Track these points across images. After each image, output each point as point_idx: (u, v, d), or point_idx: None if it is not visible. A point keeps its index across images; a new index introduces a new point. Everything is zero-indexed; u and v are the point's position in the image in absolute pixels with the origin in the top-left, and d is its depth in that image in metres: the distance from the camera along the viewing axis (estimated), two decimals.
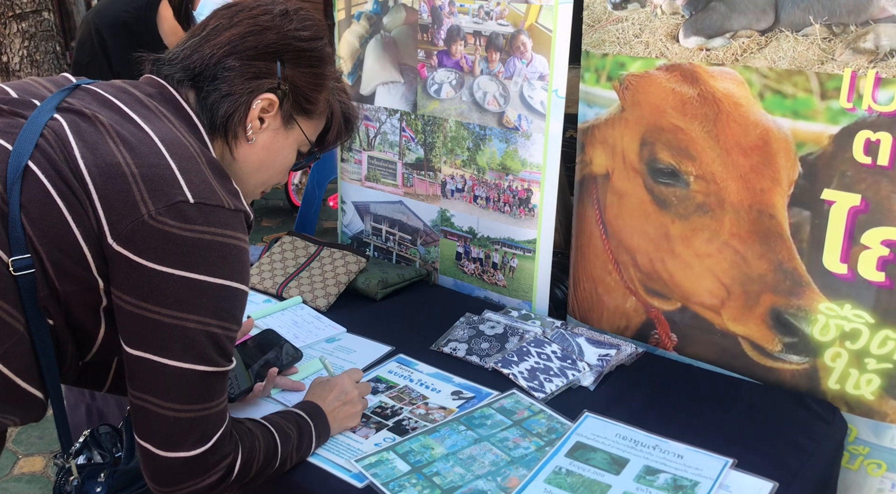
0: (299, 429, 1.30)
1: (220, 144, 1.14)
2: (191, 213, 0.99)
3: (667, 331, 1.66)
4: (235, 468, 1.11)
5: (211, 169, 1.06)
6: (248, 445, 1.15)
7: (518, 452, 1.35)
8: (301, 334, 1.72)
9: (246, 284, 1.07)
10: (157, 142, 1.03)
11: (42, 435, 2.79)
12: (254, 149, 1.16)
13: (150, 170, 1.00)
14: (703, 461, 1.30)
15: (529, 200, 1.79)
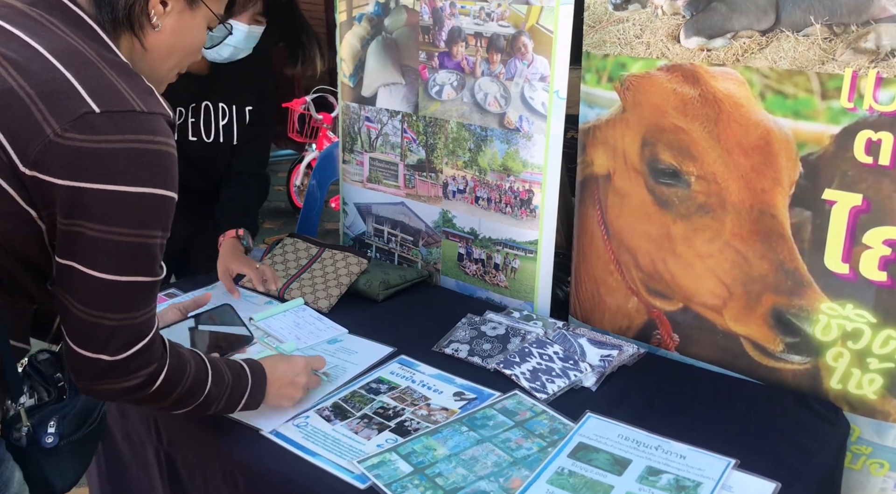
0: (236, 379, 1.31)
1: (128, 38, 1.11)
2: (99, 124, 0.97)
3: (669, 332, 1.66)
4: (157, 380, 1.13)
5: (115, 70, 1.03)
6: (176, 364, 1.16)
7: (520, 453, 1.35)
8: (303, 335, 1.72)
9: (170, 189, 1.04)
10: (47, 56, 0.99)
11: None
12: (162, 35, 1.12)
13: (45, 87, 0.97)
14: (706, 461, 1.30)
15: (531, 201, 1.79)
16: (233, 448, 1.40)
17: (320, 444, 1.39)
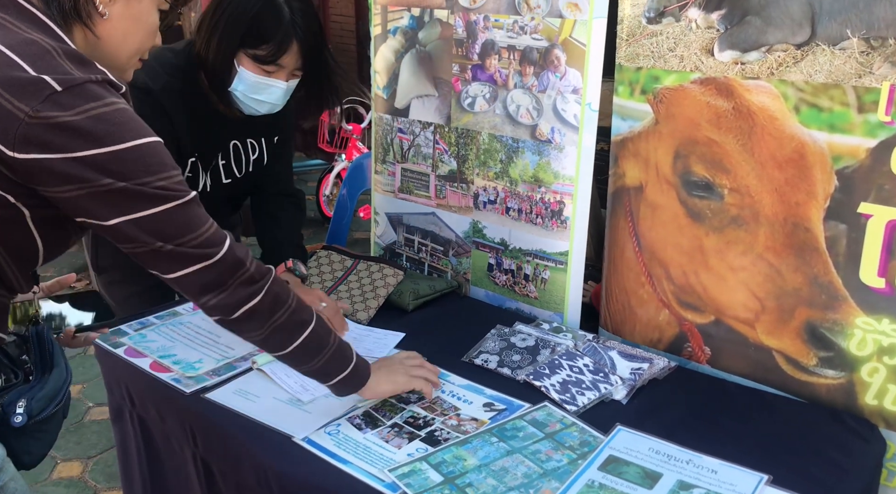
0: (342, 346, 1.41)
1: (80, 30, 1.15)
2: (66, 100, 1.02)
3: (700, 345, 1.66)
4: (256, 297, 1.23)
5: (70, 59, 1.08)
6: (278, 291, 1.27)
7: (550, 464, 1.35)
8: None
9: (151, 134, 1.12)
10: (5, 51, 1.04)
11: (80, 441, 2.85)
12: (112, 22, 1.17)
13: (7, 78, 1.02)
14: (738, 476, 1.29)
15: (562, 212, 1.79)
16: (266, 454, 1.41)
17: (351, 452, 1.40)
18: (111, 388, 1.79)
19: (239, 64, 1.65)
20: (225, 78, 1.67)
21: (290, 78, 1.69)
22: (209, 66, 1.67)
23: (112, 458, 2.74)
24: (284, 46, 1.62)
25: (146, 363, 1.68)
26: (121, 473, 1.89)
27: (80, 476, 2.66)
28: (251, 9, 1.60)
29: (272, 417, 1.50)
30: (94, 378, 3.28)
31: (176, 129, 1.71)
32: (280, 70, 1.65)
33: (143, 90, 1.65)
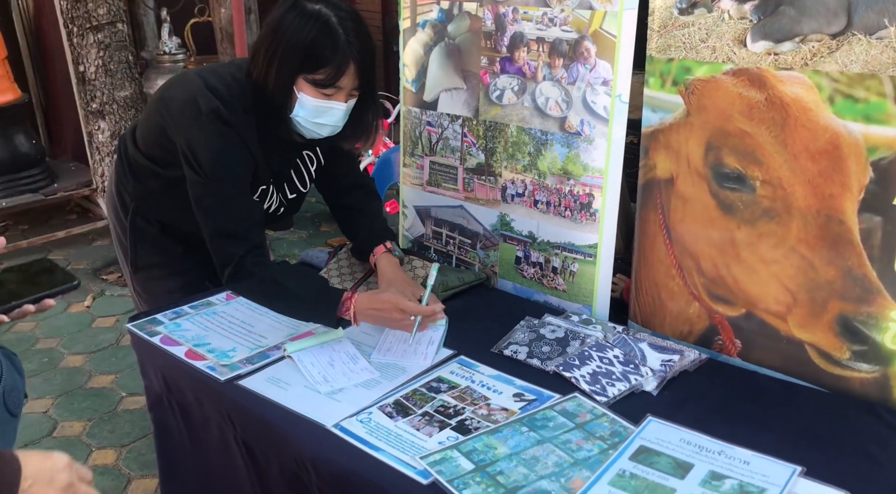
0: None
1: None
2: None
3: (731, 337, 1.65)
4: None
5: None
6: None
7: (581, 454, 1.36)
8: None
9: None
10: None
11: (113, 430, 2.90)
12: None
13: None
14: (771, 467, 1.29)
15: (591, 205, 1.79)
16: (300, 440, 1.44)
17: (383, 439, 1.42)
18: (148, 375, 1.83)
19: (299, 90, 1.65)
20: (285, 105, 1.68)
21: (348, 98, 1.69)
22: (269, 94, 1.67)
23: (145, 447, 2.78)
24: (343, 68, 1.62)
25: (181, 351, 1.72)
26: (158, 458, 1.93)
27: (114, 464, 2.71)
28: (307, 35, 1.59)
29: (304, 405, 1.52)
30: (126, 368, 3.33)
31: (254, 158, 1.74)
32: (339, 92, 1.66)
33: (224, 123, 1.66)
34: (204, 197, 1.70)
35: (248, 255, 1.69)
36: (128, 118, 3.94)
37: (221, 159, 1.68)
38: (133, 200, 1.97)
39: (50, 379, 3.23)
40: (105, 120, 3.91)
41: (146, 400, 1.90)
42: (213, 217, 1.70)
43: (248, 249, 1.69)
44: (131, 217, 1.98)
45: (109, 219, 2.09)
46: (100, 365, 3.34)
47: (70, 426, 2.92)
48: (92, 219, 4.77)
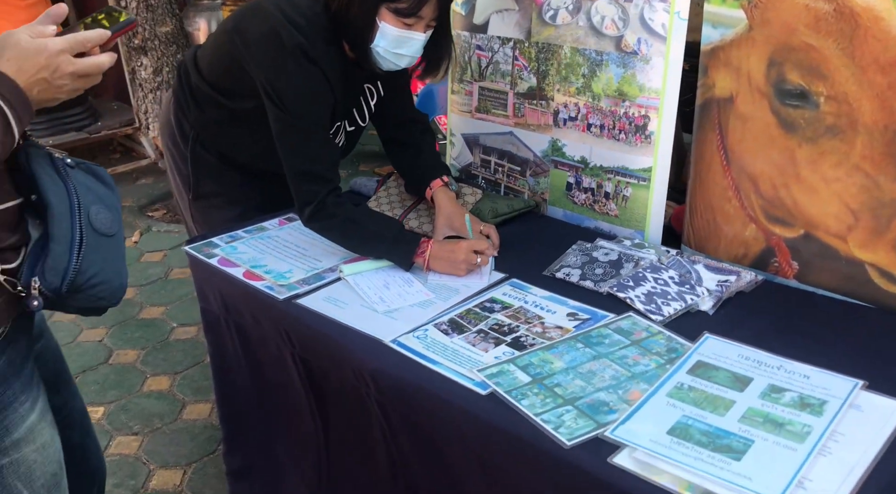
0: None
1: None
2: None
3: (787, 259, 1.63)
4: None
5: None
6: None
7: (638, 368, 1.37)
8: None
9: None
10: None
11: (166, 358, 2.99)
12: None
13: None
14: (831, 381, 1.29)
15: (646, 127, 1.77)
16: (359, 354, 1.47)
17: (440, 353, 1.44)
18: (204, 297, 1.87)
19: (380, 20, 1.63)
20: (366, 36, 1.66)
21: (427, 29, 1.68)
22: (349, 25, 1.66)
23: (197, 373, 2.87)
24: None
25: (239, 272, 1.75)
26: (214, 380, 1.99)
27: (169, 390, 2.80)
28: None
29: (362, 322, 1.55)
30: (176, 301, 3.42)
31: (334, 94, 1.74)
32: (419, 22, 1.65)
33: (309, 60, 1.66)
34: (287, 134, 1.71)
35: (330, 195, 1.72)
36: (169, 54, 3.95)
37: (306, 98, 1.68)
38: (193, 129, 1.98)
39: None
40: (147, 56, 3.92)
41: (202, 322, 1.95)
42: (295, 155, 1.72)
43: (329, 189, 1.72)
44: (192, 145, 1.99)
45: (165, 149, 2.11)
46: (150, 298, 3.43)
47: (125, 354, 3.02)
48: (135, 158, 4.84)
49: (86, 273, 1.09)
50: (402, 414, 1.45)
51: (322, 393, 1.65)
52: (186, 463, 2.44)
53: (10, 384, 1.10)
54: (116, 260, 1.16)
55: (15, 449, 1.12)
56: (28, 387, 1.14)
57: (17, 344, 1.13)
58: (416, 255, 1.72)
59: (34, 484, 1.15)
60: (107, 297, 1.15)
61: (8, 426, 1.10)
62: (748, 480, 1.08)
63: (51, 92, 1.02)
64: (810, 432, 1.16)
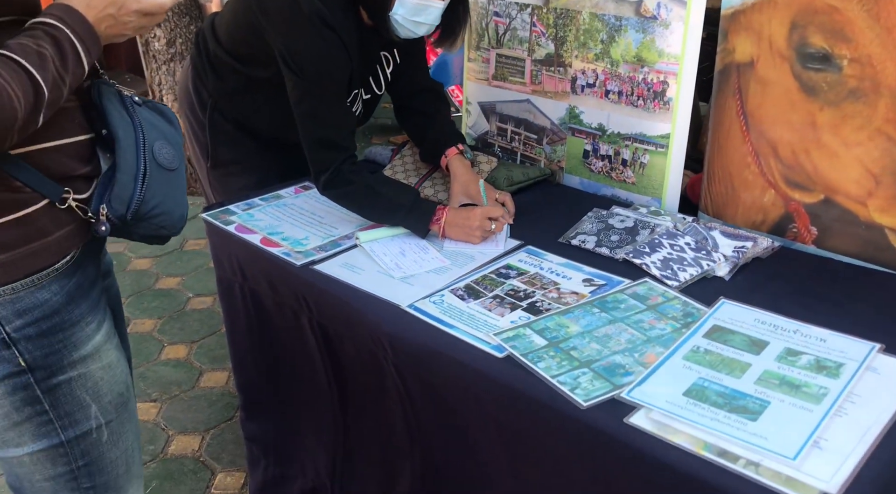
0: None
1: None
2: None
3: (806, 225, 1.62)
4: None
5: None
6: None
7: (654, 332, 1.37)
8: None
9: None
10: None
11: (183, 327, 3.02)
12: None
13: None
14: (848, 344, 1.28)
15: (665, 93, 1.75)
16: (377, 318, 1.48)
17: (457, 318, 1.45)
18: (221, 264, 1.89)
19: None
20: (385, 3, 1.66)
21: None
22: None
23: (214, 342, 2.91)
24: None
25: (256, 238, 1.76)
26: (230, 348, 2.01)
27: (186, 358, 2.84)
28: None
29: (379, 287, 1.56)
30: (191, 271, 3.44)
31: (352, 61, 1.73)
32: None
33: (327, 26, 1.65)
34: (303, 101, 1.70)
35: (346, 163, 1.72)
36: (182, 25, 3.94)
37: (323, 64, 1.68)
38: (211, 97, 1.99)
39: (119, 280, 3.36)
40: (161, 27, 3.91)
41: (218, 289, 1.97)
42: (312, 123, 1.71)
43: (345, 157, 1.72)
44: (210, 113, 2.00)
45: (183, 117, 2.11)
46: (166, 268, 3.46)
47: (142, 323, 3.05)
48: None
49: (149, 203, 1.17)
50: (419, 378, 1.46)
51: (338, 359, 1.67)
52: (205, 429, 2.48)
53: (77, 304, 1.17)
54: (178, 193, 1.24)
55: (82, 364, 1.19)
56: (95, 310, 1.22)
57: (86, 270, 1.20)
58: (431, 223, 1.72)
59: (102, 400, 1.23)
60: (168, 226, 1.23)
61: (75, 342, 1.18)
62: (764, 439, 1.08)
63: (117, 28, 1.10)
64: (826, 394, 1.16)
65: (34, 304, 1.11)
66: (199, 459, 2.36)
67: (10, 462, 1.22)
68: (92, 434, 1.23)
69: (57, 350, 1.15)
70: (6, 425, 1.17)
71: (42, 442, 1.19)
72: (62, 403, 1.18)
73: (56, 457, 1.21)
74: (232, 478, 2.28)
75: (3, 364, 1.12)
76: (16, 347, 1.12)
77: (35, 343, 1.13)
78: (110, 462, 1.27)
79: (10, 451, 1.20)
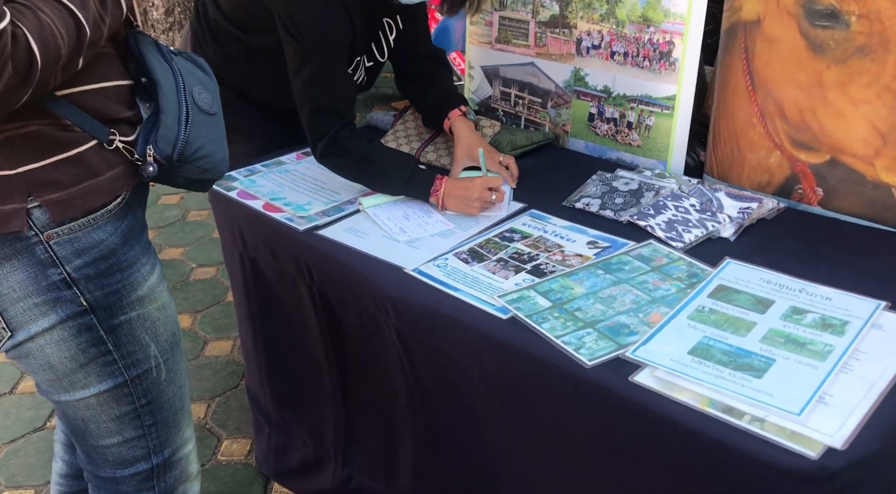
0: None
1: None
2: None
3: (812, 185, 1.61)
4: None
5: None
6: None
7: (659, 293, 1.37)
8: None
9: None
10: None
11: (187, 297, 3.03)
12: None
13: None
14: (854, 302, 1.28)
15: (671, 53, 1.73)
16: (380, 282, 1.48)
17: (461, 281, 1.45)
18: (223, 232, 1.88)
19: None
20: None
21: None
22: None
23: (219, 312, 2.91)
24: None
25: (259, 204, 1.75)
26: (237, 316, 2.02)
27: (191, 328, 2.85)
28: None
29: (382, 251, 1.56)
30: (194, 242, 3.45)
31: (354, 27, 1.71)
32: None
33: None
34: (302, 68, 1.68)
35: (343, 130, 1.69)
36: None
37: (324, 30, 1.66)
38: (211, 65, 1.96)
39: None
40: None
41: (223, 256, 1.97)
42: (310, 89, 1.69)
43: (343, 125, 1.70)
44: None
45: None
46: (169, 239, 3.46)
47: None
48: None
49: (193, 144, 1.20)
50: (422, 342, 1.47)
51: (339, 328, 1.67)
52: (210, 397, 2.49)
53: (131, 246, 1.21)
54: (219, 137, 1.28)
55: (140, 305, 1.23)
56: (147, 253, 1.25)
57: (136, 213, 1.24)
58: (430, 195, 1.70)
59: (159, 339, 1.28)
60: (211, 169, 1.26)
61: (133, 283, 1.21)
62: (769, 396, 1.08)
63: None
64: (832, 351, 1.16)
65: (91, 244, 1.15)
66: (206, 426, 2.37)
67: (77, 405, 1.26)
68: (152, 372, 1.28)
69: (116, 290, 1.19)
70: (73, 367, 1.20)
71: (108, 382, 1.24)
72: (124, 343, 1.22)
73: (121, 397, 1.26)
74: (238, 445, 2.30)
75: (66, 304, 1.15)
76: (77, 287, 1.15)
77: (95, 283, 1.16)
78: (168, 400, 1.33)
79: (77, 393, 1.24)
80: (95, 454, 1.33)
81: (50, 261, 1.12)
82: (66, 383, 1.22)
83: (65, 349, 1.19)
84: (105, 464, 1.34)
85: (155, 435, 1.33)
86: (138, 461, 1.33)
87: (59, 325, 1.17)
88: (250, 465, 2.21)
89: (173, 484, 1.39)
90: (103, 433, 1.29)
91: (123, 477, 1.34)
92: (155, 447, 1.34)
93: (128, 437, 1.30)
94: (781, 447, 1.01)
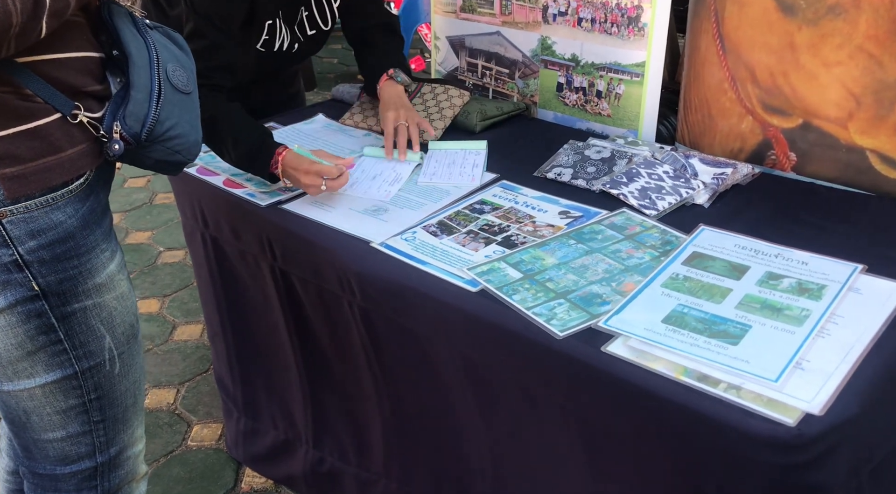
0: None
1: None
2: None
3: (785, 151, 1.58)
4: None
5: None
6: None
7: (632, 261, 1.33)
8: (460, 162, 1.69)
9: None
10: None
11: (154, 281, 2.96)
12: None
13: None
14: (830, 266, 1.25)
15: (639, 18, 1.68)
16: (345, 257, 1.43)
17: (429, 254, 1.40)
18: (184, 211, 1.82)
19: None
20: None
21: None
22: None
23: (187, 295, 2.85)
24: None
25: (219, 180, 1.69)
26: (201, 299, 1.96)
27: (159, 312, 2.78)
28: None
29: (349, 225, 1.51)
30: (162, 225, 3.37)
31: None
32: None
33: None
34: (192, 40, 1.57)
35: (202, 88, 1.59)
36: None
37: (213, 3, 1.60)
38: None
39: None
40: None
41: (184, 236, 1.90)
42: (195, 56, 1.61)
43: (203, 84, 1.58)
44: None
45: None
46: (136, 223, 3.38)
47: None
48: None
49: (164, 123, 1.12)
50: (388, 319, 1.42)
51: (302, 310, 1.62)
52: (179, 383, 2.43)
53: (91, 230, 1.14)
54: (192, 117, 1.19)
55: (97, 294, 1.16)
56: (108, 239, 1.19)
57: (99, 196, 1.17)
58: (270, 167, 1.58)
59: (115, 331, 1.21)
60: (182, 151, 1.18)
61: (90, 270, 1.15)
62: (745, 363, 1.05)
63: None
64: (809, 315, 1.14)
65: (48, 225, 1.08)
66: (175, 412, 2.32)
67: (20, 395, 1.18)
68: (105, 365, 1.21)
69: (72, 276, 1.13)
70: (19, 355, 1.14)
71: (56, 373, 1.17)
72: (77, 332, 1.16)
73: (69, 389, 1.19)
74: (209, 430, 2.24)
75: (16, 288, 1.09)
76: (29, 270, 1.09)
77: (49, 267, 1.10)
78: (120, 395, 1.26)
79: (21, 383, 1.17)
80: (35, 448, 1.24)
81: (1, 241, 1.06)
82: (9, 371, 1.15)
83: (11, 335, 1.12)
84: (45, 460, 1.25)
85: (102, 432, 1.25)
86: (82, 458, 1.25)
87: (7, 310, 1.10)
88: (221, 450, 2.16)
89: (118, 485, 1.31)
90: (46, 426, 1.21)
91: (64, 475, 1.26)
92: (101, 444, 1.26)
93: (72, 432, 1.23)
94: (758, 414, 0.98)
